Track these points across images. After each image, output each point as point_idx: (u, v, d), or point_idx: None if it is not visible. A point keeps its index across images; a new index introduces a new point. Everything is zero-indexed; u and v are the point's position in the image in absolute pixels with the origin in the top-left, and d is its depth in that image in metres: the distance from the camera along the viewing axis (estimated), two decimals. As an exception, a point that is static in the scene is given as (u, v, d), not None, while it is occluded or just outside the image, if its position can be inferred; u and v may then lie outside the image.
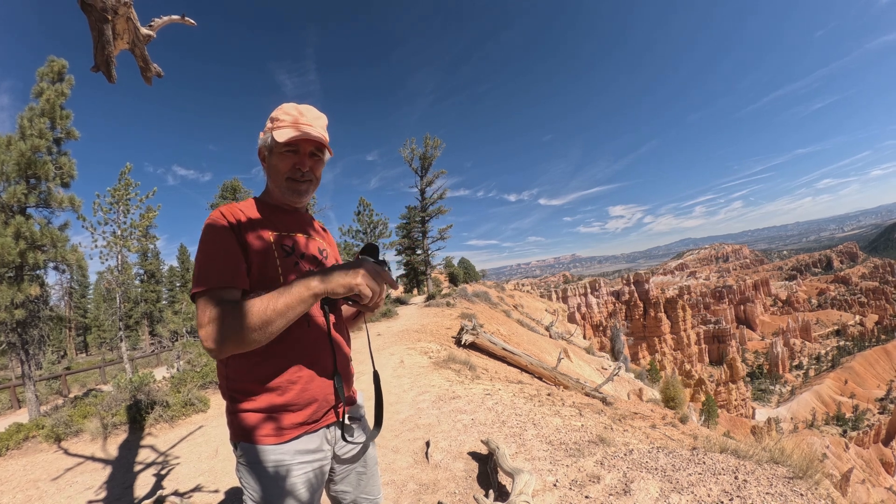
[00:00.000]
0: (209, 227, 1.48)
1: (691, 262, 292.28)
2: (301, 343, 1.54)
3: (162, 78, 2.13)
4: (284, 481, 1.47)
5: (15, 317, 10.19)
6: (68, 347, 43.48)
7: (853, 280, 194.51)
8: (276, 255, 1.56)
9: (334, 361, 1.61)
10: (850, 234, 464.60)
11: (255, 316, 1.28)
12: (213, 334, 1.29)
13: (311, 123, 1.62)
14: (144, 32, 1.93)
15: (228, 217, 1.52)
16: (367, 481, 1.81)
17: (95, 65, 1.75)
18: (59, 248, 10.92)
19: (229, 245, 1.47)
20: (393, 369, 9.05)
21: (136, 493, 5.39)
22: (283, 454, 1.47)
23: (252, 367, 1.48)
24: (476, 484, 4.00)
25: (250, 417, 1.48)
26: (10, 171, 10.29)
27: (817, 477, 3.21)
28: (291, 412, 1.50)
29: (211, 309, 1.33)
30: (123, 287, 17.97)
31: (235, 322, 1.29)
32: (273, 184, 1.67)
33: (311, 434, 1.55)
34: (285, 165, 1.61)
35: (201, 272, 1.41)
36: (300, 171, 1.63)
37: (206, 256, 1.45)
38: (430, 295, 29.71)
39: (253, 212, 1.61)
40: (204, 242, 1.47)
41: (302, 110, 1.63)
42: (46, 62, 11.43)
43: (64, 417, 7.99)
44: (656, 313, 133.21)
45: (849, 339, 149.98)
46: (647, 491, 3.29)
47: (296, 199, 1.69)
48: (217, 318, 1.30)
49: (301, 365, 1.53)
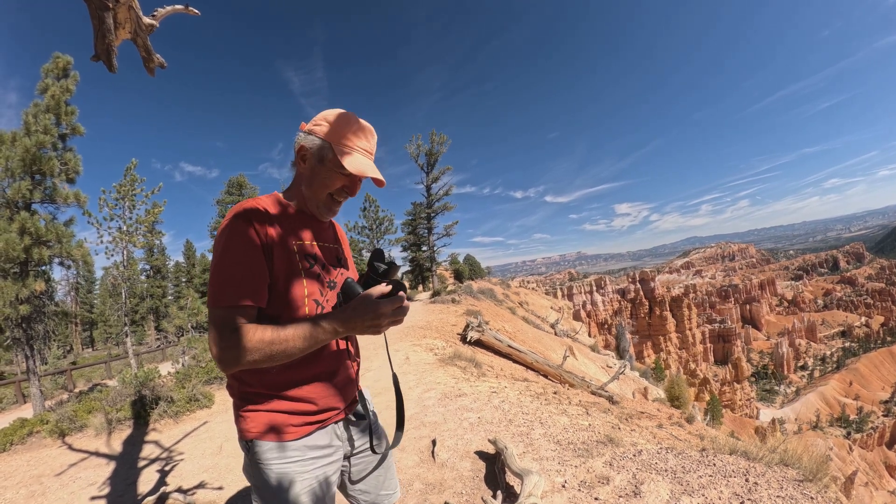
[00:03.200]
0: (233, 231, 1.39)
1: (697, 260, 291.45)
2: (321, 354, 1.51)
3: (165, 69, 2.09)
4: (296, 480, 1.45)
5: (20, 312, 10.22)
6: (74, 342, 43.67)
7: (859, 281, 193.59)
8: (300, 266, 1.50)
9: (350, 364, 1.62)
10: (856, 234, 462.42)
11: (271, 347, 1.29)
12: (226, 357, 1.30)
13: (373, 149, 1.56)
14: (147, 22, 1.88)
15: (254, 219, 1.42)
16: (384, 476, 1.79)
17: (96, 54, 1.71)
18: (64, 243, 10.92)
19: (253, 257, 1.39)
20: (398, 366, 9.01)
21: (139, 490, 5.38)
22: (296, 451, 1.45)
23: (273, 377, 1.45)
24: (483, 484, 3.96)
25: (261, 416, 1.45)
26: (15, 168, 10.31)
27: (826, 480, 3.16)
28: (305, 414, 1.49)
29: (228, 330, 1.31)
30: (129, 283, 17.99)
31: (251, 352, 1.28)
32: (310, 192, 1.56)
33: (321, 431, 1.53)
34: (335, 185, 1.54)
35: (222, 285, 1.35)
36: (348, 196, 1.59)
37: (227, 267, 1.38)
38: (435, 291, 29.71)
39: (280, 216, 1.52)
40: (227, 248, 1.38)
41: (369, 136, 1.55)
42: (51, 58, 11.45)
43: (68, 413, 8.01)
44: (661, 312, 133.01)
45: (854, 340, 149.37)
46: (657, 493, 3.24)
47: (328, 216, 1.63)
48: (232, 343, 1.29)
49: (321, 374, 1.52)
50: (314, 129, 1.52)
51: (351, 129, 1.51)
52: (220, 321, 1.32)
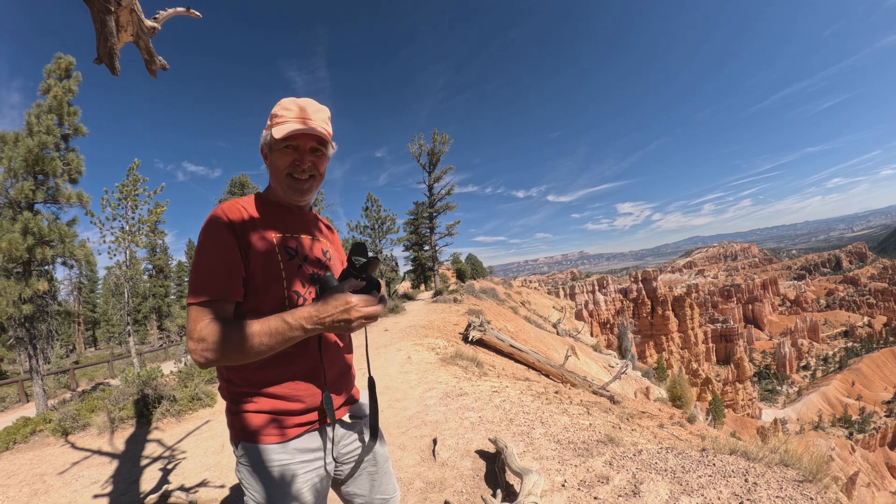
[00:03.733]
0: (209, 230, 1.44)
1: (700, 260, 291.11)
2: (300, 351, 1.51)
3: (167, 71, 2.11)
4: (287, 482, 1.46)
5: (23, 312, 10.26)
6: (77, 342, 43.79)
7: (862, 281, 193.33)
8: (279, 257, 1.52)
9: (324, 376, 1.57)
10: (859, 234, 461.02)
11: (239, 343, 1.30)
12: (201, 351, 1.31)
13: (311, 117, 1.56)
14: (149, 24, 1.90)
15: (231, 216, 1.47)
16: (380, 480, 1.77)
17: (98, 57, 1.72)
18: (67, 243, 10.96)
19: (228, 252, 1.42)
20: (400, 365, 9.02)
21: (142, 488, 5.40)
22: (286, 454, 1.46)
23: (251, 374, 1.46)
24: (483, 483, 3.97)
25: (251, 418, 1.46)
26: (18, 168, 10.34)
27: (826, 481, 3.17)
28: (292, 414, 1.49)
29: (203, 324, 1.33)
30: (132, 282, 18.06)
31: (226, 345, 1.30)
32: (275, 181, 1.61)
33: (311, 433, 1.54)
34: (285, 162, 1.56)
35: (198, 282, 1.39)
36: (300, 167, 1.57)
37: (203, 264, 1.41)
38: (437, 291, 29.71)
39: (256, 211, 1.55)
40: (202, 245, 1.43)
41: (301, 104, 1.57)
42: (53, 59, 11.48)
43: (71, 411, 8.03)
44: (664, 311, 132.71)
45: (857, 340, 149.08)
46: (656, 493, 3.25)
47: (298, 198, 1.63)
48: (208, 336, 1.31)
49: (300, 372, 1.52)
50: (265, 128, 1.60)
51: (281, 107, 1.57)
52: (192, 316, 1.35)
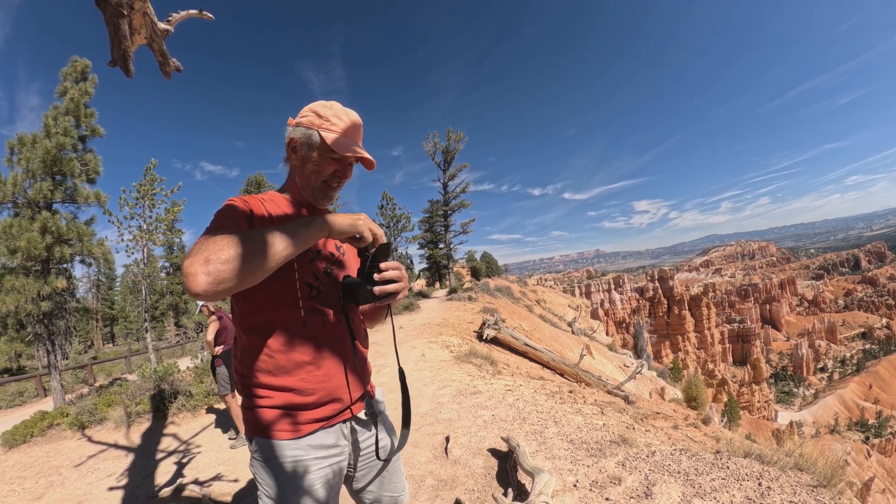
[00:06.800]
0: (223, 212, 1.41)
1: (716, 259, 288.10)
2: (317, 342, 1.51)
3: (182, 73, 2.12)
4: (300, 477, 1.45)
5: (41, 309, 10.45)
6: (95, 338, 44.45)
7: (881, 281, 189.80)
8: None
9: (345, 369, 1.58)
10: (878, 232, 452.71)
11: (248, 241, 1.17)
12: (194, 263, 1.10)
13: (360, 137, 1.59)
14: (162, 27, 1.92)
15: (250, 204, 1.48)
16: (389, 478, 1.77)
17: (113, 59, 1.74)
18: (85, 242, 11.15)
19: (240, 223, 1.40)
20: (414, 362, 9.04)
21: (156, 481, 5.48)
22: (299, 450, 1.46)
23: (268, 365, 1.46)
24: (495, 482, 3.96)
25: (266, 413, 1.46)
26: (36, 169, 10.53)
27: (841, 486, 3.12)
28: (308, 409, 1.48)
29: (209, 240, 1.16)
30: (149, 279, 18.31)
31: (223, 249, 1.12)
32: (303, 181, 1.59)
33: (327, 429, 1.53)
34: (328, 170, 1.56)
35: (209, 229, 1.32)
36: (342, 181, 1.60)
37: (213, 227, 1.34)
38: (451, 289, 29.64)
39: (273, 205, 1.55)
40: (215, 220, 1.39)
41: (353, 118, 1.57)
42: (70, 62, 11.69)
43: (88, 406, 8.15)
44: (680, 311, 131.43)
45: (875, 342, 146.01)
46: (668, 495, 3.22)
47: (325, 203, 1.65)
48: (203, 247, 1.14)
49: (317, 364, 1.51)
50: (301, 121, 1.56)
51: (336, 114, 1.55)
52: (198, 241, 1.20)
